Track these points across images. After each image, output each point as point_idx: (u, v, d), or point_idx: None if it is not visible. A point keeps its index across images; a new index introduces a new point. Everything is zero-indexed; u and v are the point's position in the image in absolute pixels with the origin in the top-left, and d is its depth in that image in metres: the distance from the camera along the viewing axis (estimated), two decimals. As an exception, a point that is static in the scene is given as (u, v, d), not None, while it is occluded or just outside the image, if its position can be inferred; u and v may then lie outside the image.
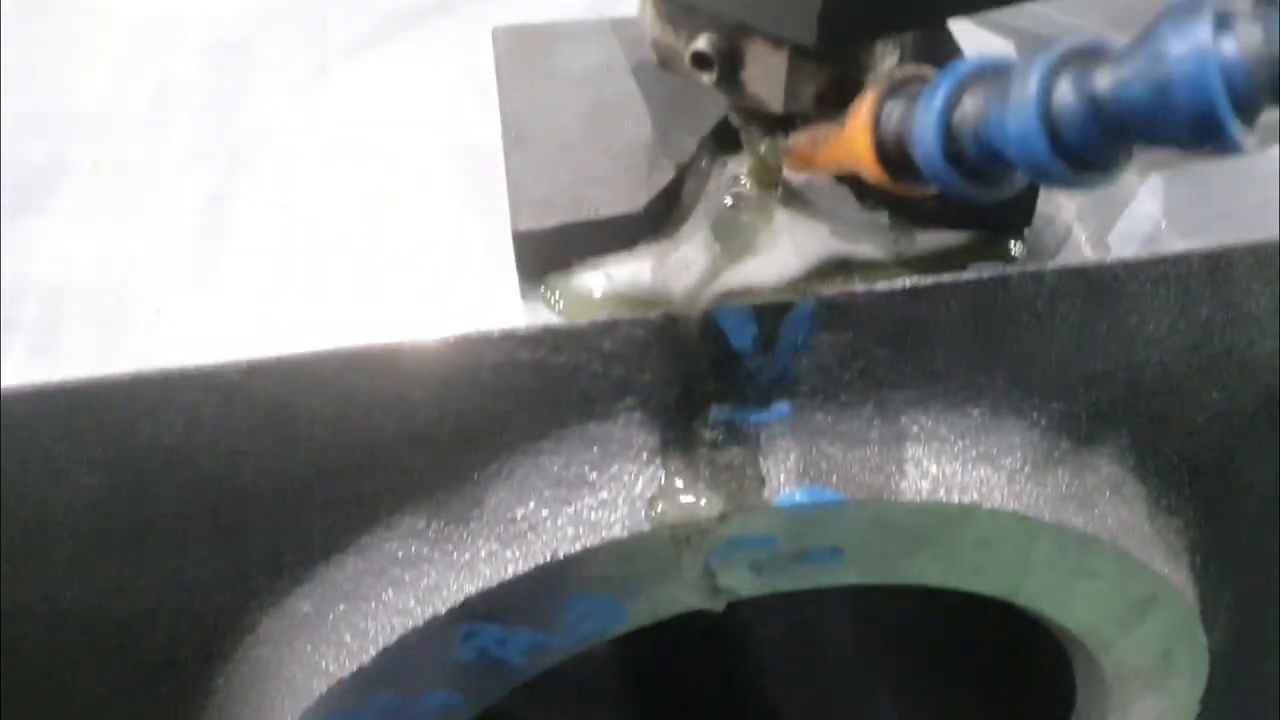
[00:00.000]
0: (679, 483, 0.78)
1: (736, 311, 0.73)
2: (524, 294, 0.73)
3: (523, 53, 0.85)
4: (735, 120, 0.74)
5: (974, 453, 0.83)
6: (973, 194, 0.57)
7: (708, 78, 0.67)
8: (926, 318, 0.77)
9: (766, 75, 0.65)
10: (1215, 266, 0.78)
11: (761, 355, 0.76)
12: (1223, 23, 0.43)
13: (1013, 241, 0.77)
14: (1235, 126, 0.43)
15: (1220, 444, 0.91)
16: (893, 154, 0.61)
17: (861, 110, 0.62)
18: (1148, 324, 0.81)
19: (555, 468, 0.77)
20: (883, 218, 0.77)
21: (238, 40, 0.92)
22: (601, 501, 0.77)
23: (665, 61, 0.71)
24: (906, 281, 0.74)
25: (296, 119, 0.86)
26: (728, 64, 0.66)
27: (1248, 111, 0.43)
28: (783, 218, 0.76)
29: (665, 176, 0.75)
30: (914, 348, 0.78)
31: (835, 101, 0.66)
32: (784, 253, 0.75)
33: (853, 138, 0.63)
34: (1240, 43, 0.42)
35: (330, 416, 0.72)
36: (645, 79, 0.82)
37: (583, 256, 0.74)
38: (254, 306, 0.72)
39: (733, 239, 0.75)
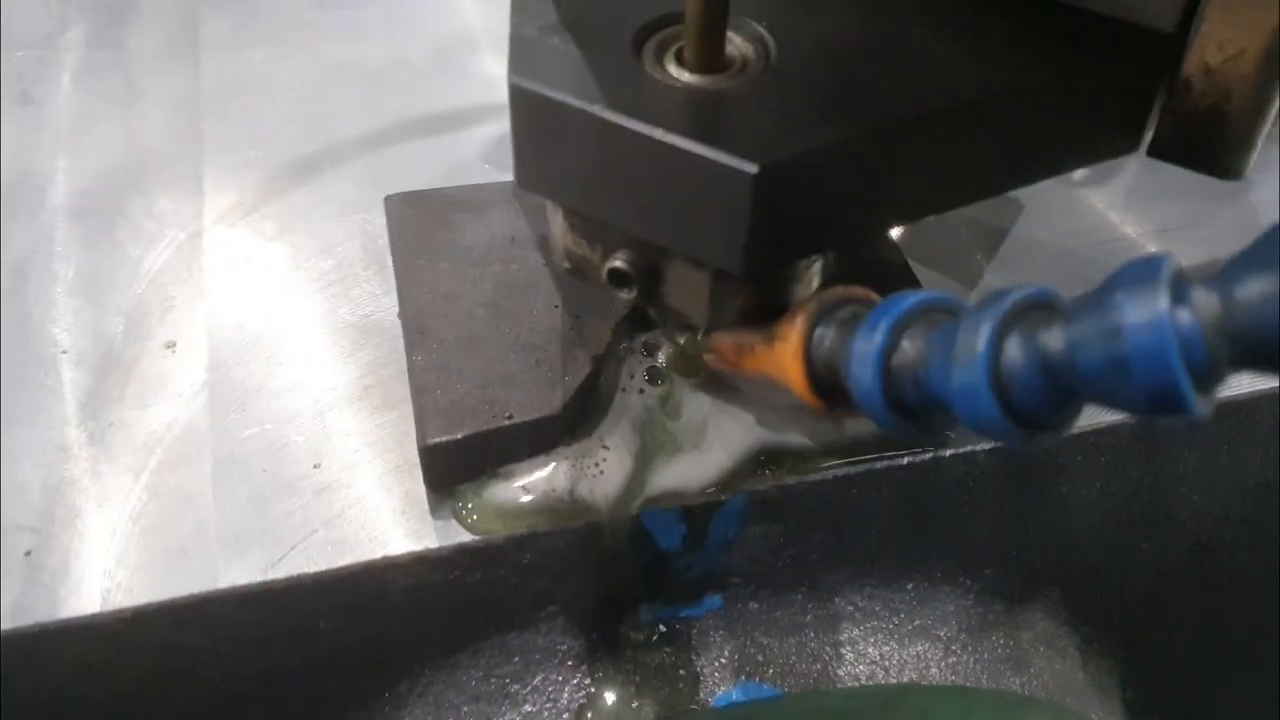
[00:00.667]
0: (608, 690, 0.73)
1: (664, 514, 0.69)
2: (432, 507, 0.68)
3: (418, 225, 0.79)
4: (653, 313, 0.70)
5: (909, 627, 0.80)
6: (913, 436, 0.54)
7: (625, 294, 0.62)
8: (859, 503, 0.73)
9: (689, 293, 0.61)
10: (1143, 435, 0.76)
11: (690, 553, 0.72)
12: (1178, 292, 0.40)
13: (943, 420, 0.74)
14: (1194, 399, 0.40)
15: (1148, 589, 0.89)
16: (825, 380, 0.58)
17: (790, 336, 0.58)
18: (1079, 491, 0.79)
19: (473, 682, 0.72)
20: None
21: (108, 204, 0.85)
22: (526, 715, 0.72)
23: (579, 271, 0.66)
24: (837, 471, 0.71)
25: (178, 286, 0.79)
26: (647, 281, 0.61)
27: (1206, 382, 0.40)
28: (706, 407, 0.72)
29: (581, 371, 0.70)
30: (847, 532, 0.75)
31: (761, 316, 0.62)
32: (711, 448, 0.70)
33: (782, 362, 0.59)
34: (1197, 313, 0.39)
35: (227, 654, 0.66)
36: (548, 251, 0.78)
37: (496, 465, 0.69)
38: (137, 543, 0.65)
39: (655, 434, 0.71)
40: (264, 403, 0.72)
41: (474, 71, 1.00)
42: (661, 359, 0.74)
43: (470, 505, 0.68)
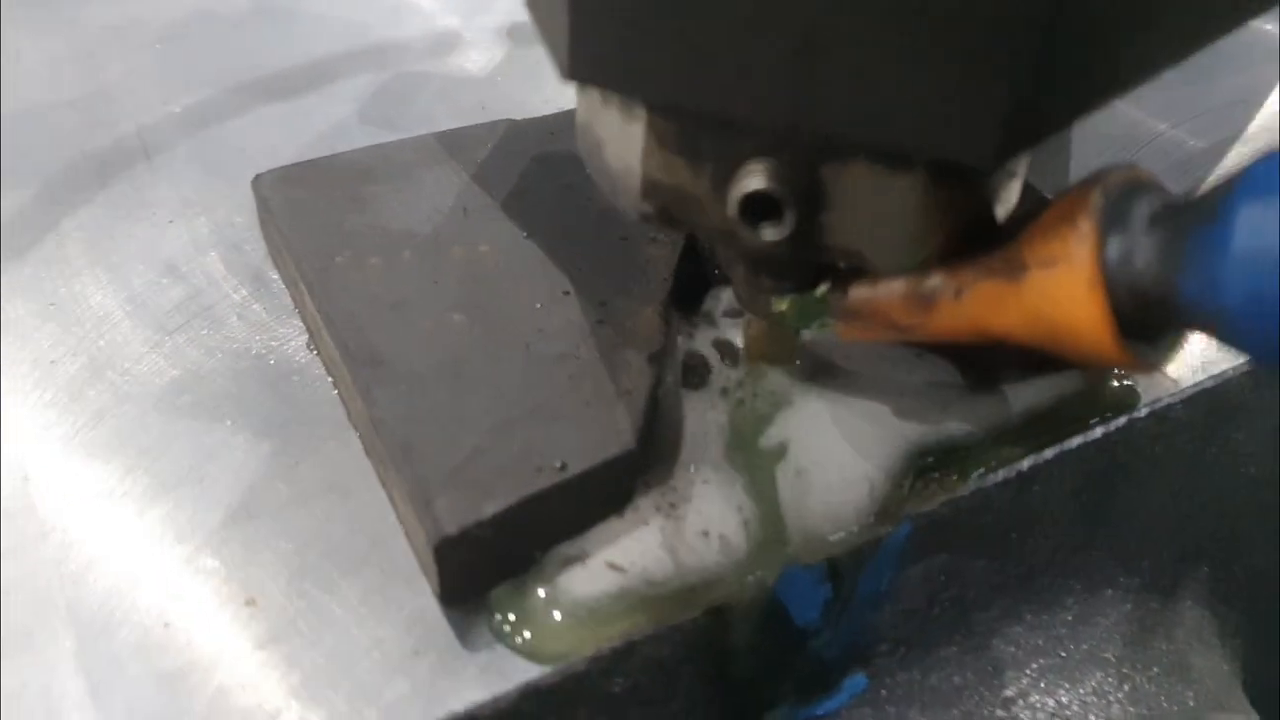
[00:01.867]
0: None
1: (803, 575, 0.45)
2: (462, 633, 0.42)
3: (315, 210, 0.53)
4: (731, 269, 0.46)
5: (1078, 656, 0.60)
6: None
7: (770, 233, 0.38)
8: (1034, 504, 0.52)
9: (878, 218, 0.38)
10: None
11: (833, 626, 0.48)
12: None
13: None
14: None
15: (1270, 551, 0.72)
16: (1133, 316, 0.36)
17: (1075, 255, 0.36)
18: (1251, 441, 0.60)
19: None
20: (948, 373, 0.50)
21: None
22: None
23: (668, 215, 0.41)
24: (1024, 463, 0.49)
25: None
26: (804, 209, 0.37)
27: None
28: (817, 405, 0.48)
29: (641, 379, 0.46)
30: (1013, 547, 0.53)
31: (960, 245, 0.40)
32: (847, 461, 0.47)
33: (1052, 297, 0.36)
34: None
35: None
36: (527, 216, 0.52)
37: (549, 545, 0.43)
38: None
39: (760, 454, 0.47)
40: (112, 561, 0.44)
41: (307, 12, 0.73)
42: (737, 341, 0.50)
43: (518, 617, 0.42)
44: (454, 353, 0.46)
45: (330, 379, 0.50)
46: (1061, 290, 0.36)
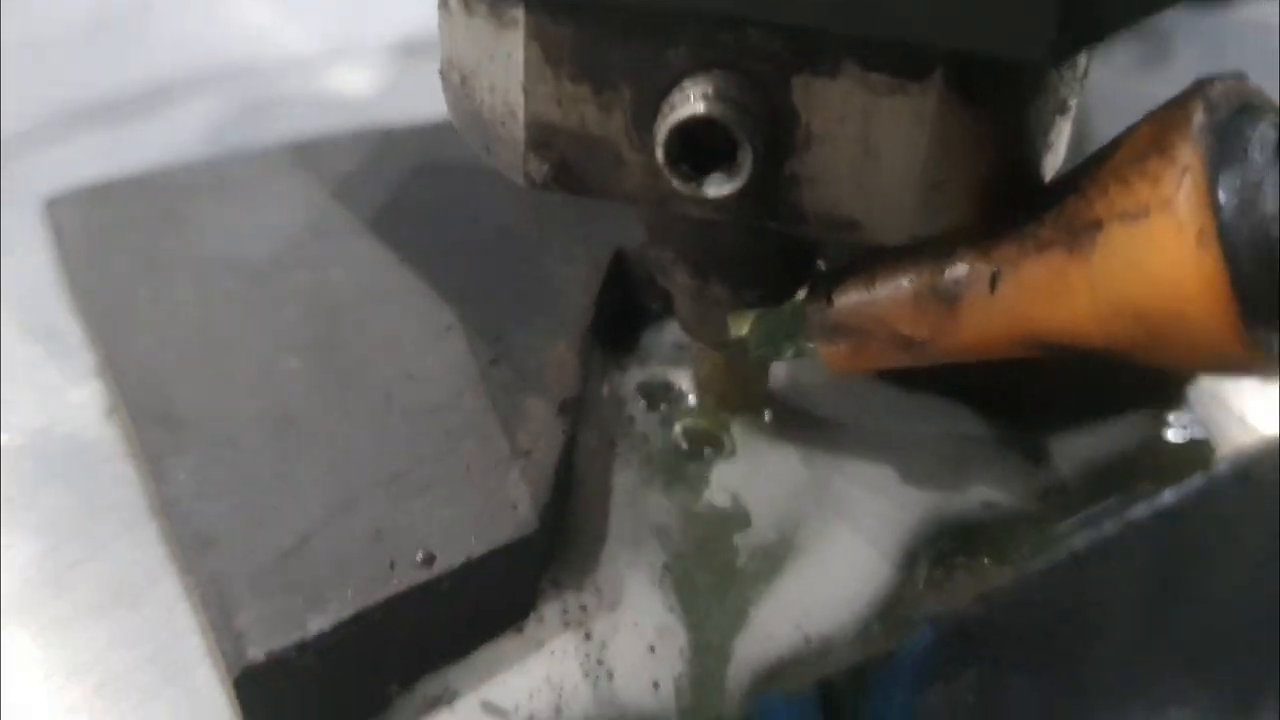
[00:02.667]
0: None
1: (789, 709, 0.32)
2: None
3: (121, 232, 0.40)
4: (670, 278, 0.33)
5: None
6: None
7: (718, 186, 0.25)
8: (1091, 600, 0.38)
9: (875, 159, 0.25)
10: None
11: (828, 777, 0.34)
12: None
13: (1183, 412, 0.41)
14: None
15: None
16: (1263, 278, 0.23)
17: (1180, 191, 0.23)
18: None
19: None
20: (970, 423, 0.38)
21: None
22: None
23: (569, 175, 0.28)
24: (1079, 541, 0.36)
25: None
26: (766, 149, 0.24)
27: None
28: (795, 469, 0.35)
29: (548, 442, 0.32)
30: (1064, 659, 0.40)
31: (994, 208, 0.27)
32: (833, 543, 0.34)
33: (1146, 257, 0.24)
34: None
35: None
36: (399, 236, 0.40)
37: (406, 681, 0.30)
38: None
39: (718, 545, 0.34)
40: None
41: (153, 32, 0.61)
42: (683, 391, 0.37)
43: (367, 790, 0.28)
44: (282, 408, 0.33)
45: (130, 455, 0.36)
46: (1155, 252, 0.24)
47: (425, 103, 0.37)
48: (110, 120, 0.53)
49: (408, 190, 0.42)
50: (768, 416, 0.37)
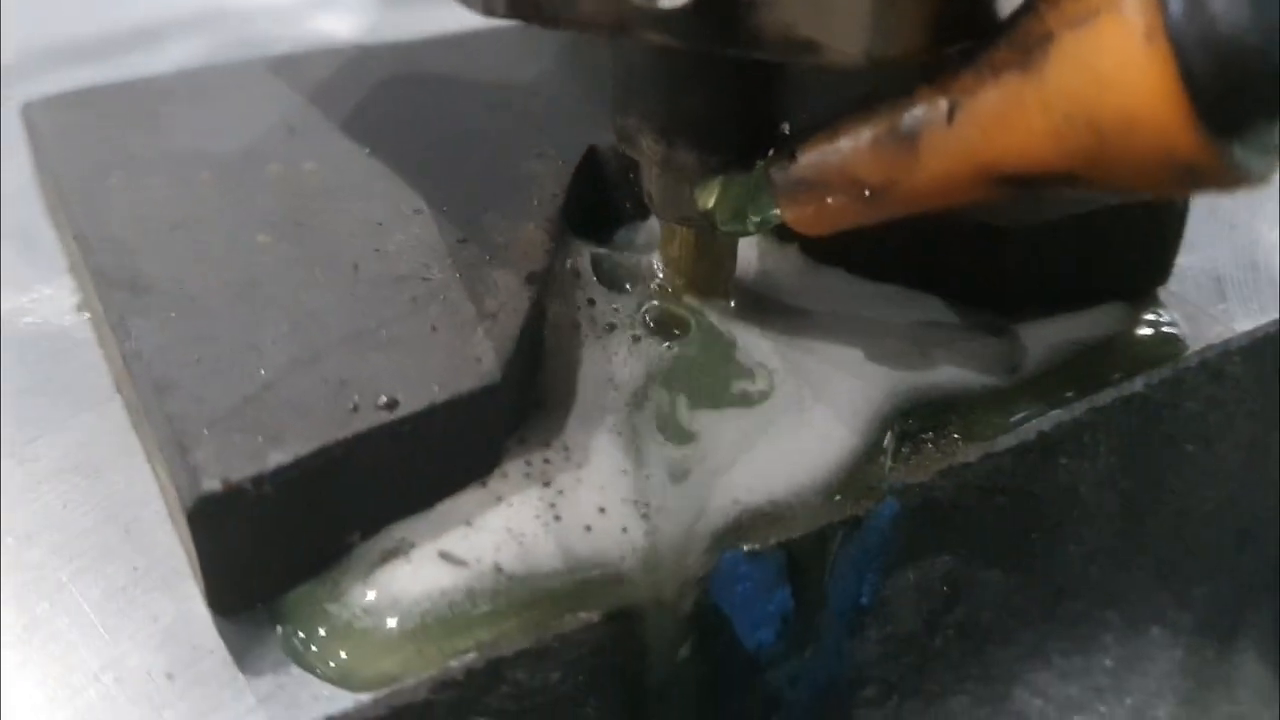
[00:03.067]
0: None
1: (750, 568, 0.31)
2: (235, 646, 0.28)
3: (96, 131, 0.40)
4: (638, 147, 0.33)
5: (1119, 713, 0.45)
6: None
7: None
8: (1064, 489, 0.38)
9: None
10: None
11: (797, 653, 0.34)
12: None
13: (1157, 310, 0.40)
14: None
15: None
16: (1217, 78, 0.23)
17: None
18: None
19: None
20: (941, 312, 0.38)
21: None
22: None
23: (527, 1, 0.28)
24: (1045, 423, 0.36)
25: None
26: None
27: None
28: (761, 346, 0.35)
29: (514, 303, 0.33)
30: (1040, 556, 0.40)
31: (953, 35, 0.27)
32: (798, 412, 0.34)
33: (1096, 60, 0.24)
34: None
35: None
36: (372, 134, 0.40)
37: (369, 529, 0.30)
38: None
39: (685, 413, 0.34)
40: None
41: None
42: (654, 267, 0.37)
43: (324, 628, 0.28)
44: (250, 275, 0.33)
45: (99, 341, 0.36)
46: (1105, 53, 0.24)
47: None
48: (98, 57, 0.53)
49: (383, 97, 0.42)
50: (733, 303, 0.37)
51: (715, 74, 0.31)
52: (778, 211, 0.32)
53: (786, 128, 0.32)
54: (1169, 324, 0.40)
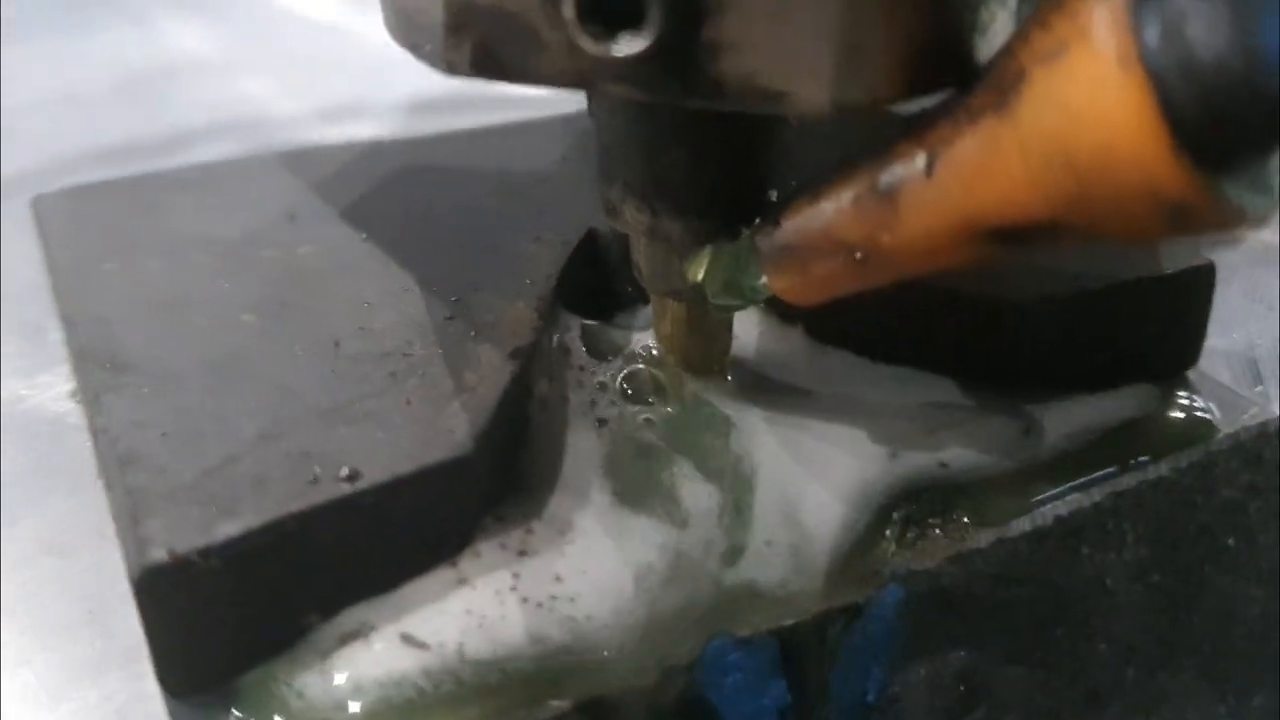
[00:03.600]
0: None
1: (747, 661, 0.30)
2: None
3: (101, 219, 0.41)
4: (623, 218, 0.32)
5: None
6: None
7: (627, 45, 0.24)
8: (1090, 582, 0.36)
9: (783, 19, 0.24)
10: None
11: (796, 750, 0.32)
12: None
13: (1186, 393, 0.38)
14: None
15: None
16: (1199, 108, 0.22)
17: (1096, 15, 0.22)
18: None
19: None
20: (949, 393, 0.36)
21: None
22: None
23: (489, 57, 0.27)
24: (1062, 507, 0.34)
25: None
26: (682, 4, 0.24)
27: None
28: (758, 426, 0.34)
29: (495, 376, 0.32)
30: (1067, 653, 0.37)
31: (927, 83, 0.26)
32: (795, 493, 0.32)
33: (1070, 92, 0.23)
34: None
35: None
36: (371, 219, 0.40)
37: (329, 610, 0.28)
38: None
39: (673, 495, 0.32)
40: None
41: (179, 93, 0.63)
42: (643, 346, 0.36)
43: (279, 717, 0.27)
44: (229, 352, 0.32)
45: (88, 425, 0.36)
46: (1077, 87, 0.23)
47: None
48: (128, 159, 0.54)
49: (388, 187, 0.42)
50: (730, 378, 0.35)
51: (695, 137, 0.30)
52: (766, 280, 0.31)
53: (774, 195, 0.32)
54: (1199, 408, 0.38)
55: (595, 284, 0.39)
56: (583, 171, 0.43)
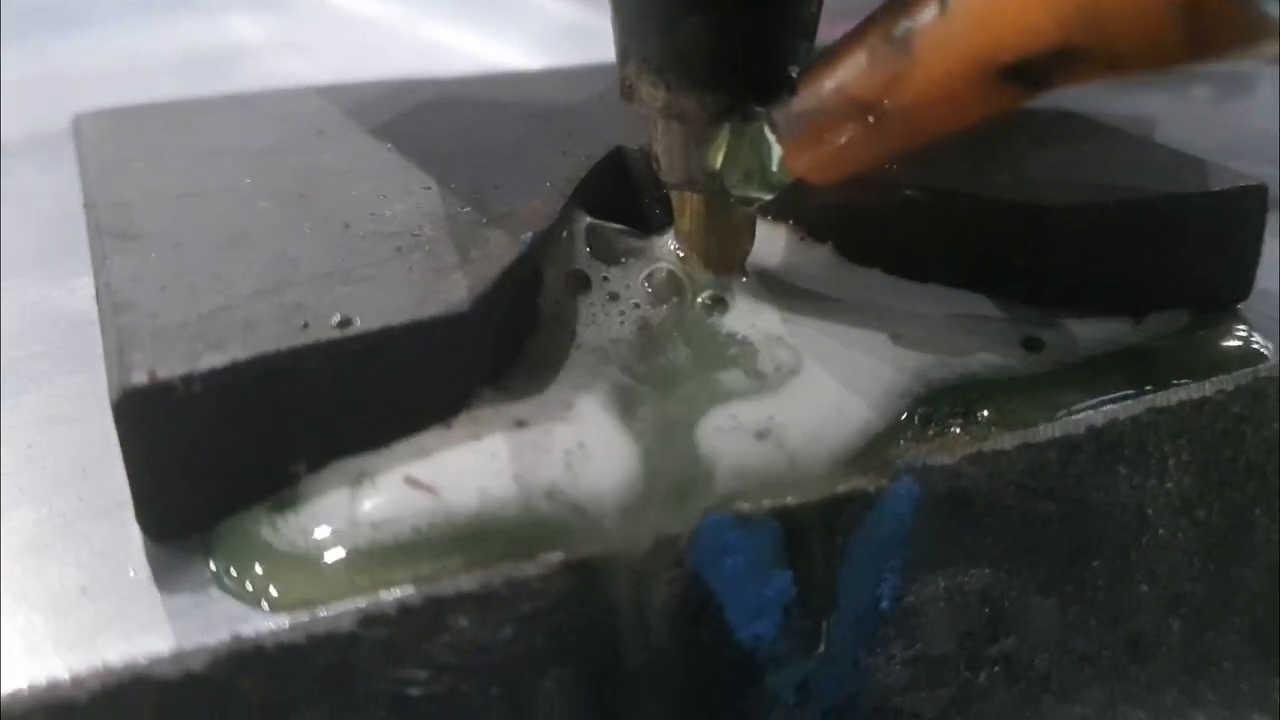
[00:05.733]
0: None
1: (746, 541, 0.28)
2: (159, 567, 0.26)
3: (136, 134, 0.41)
4: (639, 97, 0.32)
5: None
6: None
7: None
8: (1129, 507, 0.34)
9: None
10: None
11: (803, 653, 0.30)
12: None
13: (1236, 322, 0.37)
14: None
15: None
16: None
17: None
18: None
19: None
20: (984, 307, 0.35)
21: None
22: None
23: None
24: (1097, 415, 0.32)
25: None
26: None
27: None
28: (771, 321, 0.33)
29: (500, 255, 0.31)
30: (1103, 587, 0.35)
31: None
32: (809, 387, 0.31)
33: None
34: None
35: None
36: (399, 134, 0.40)
37: (315, 460, 0.27)
38: None
39: (683, 380, 0.31)
40: None
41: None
42: (667, 243, 0.36)
43: (254, 557, 0.26)
44: (240, 230, 0.32)
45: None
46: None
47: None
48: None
49: (419, 112, 0.42)
50: (751, 280, 0.34)
51: (713, 5, 0.30)
52: (784, 159, 0.30)
53: (795, 71, 0.31)
54: (1249, 338, 0.36)
55: (622, 201, 0.38)
56: (618, 107, 0.43)
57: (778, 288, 0.35)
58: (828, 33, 0.31)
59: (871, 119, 0.28)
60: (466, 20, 0.76)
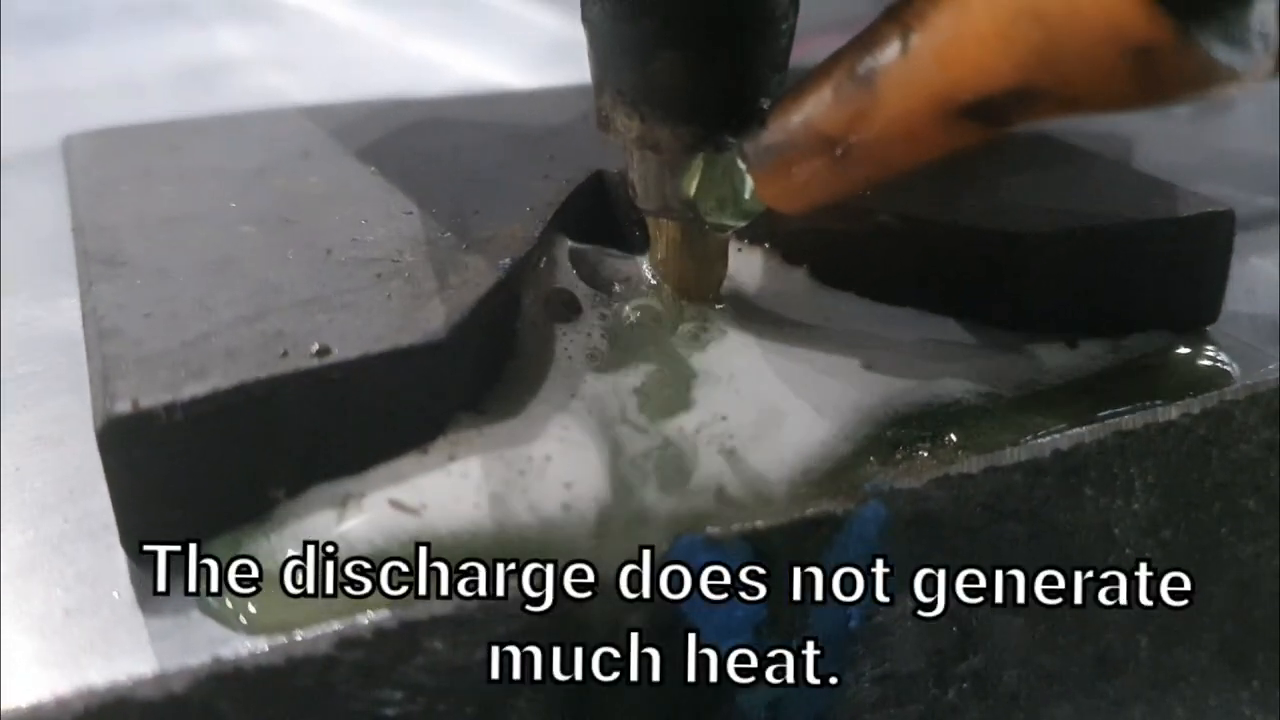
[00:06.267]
0: None
1: (713, 555, 0.29)
2: (143, 590, 0.27)
3: (123, 157, 0.42)
4: (615, 127, 0.33)
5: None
6: None
7: None
8: (1093, 529, 0.35)
9: None
10: None
11: (773, 673, 0.31)
12: None
13: (1203, 345, 0.37)
14: None
15: None
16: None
17: None
18: None
19: None
20: (954, 332, 0.35)
21: None
22: None
23: None
24: (1061, 440, 0.33)
25: None
26: None
27: None
28: (747, 346, 0.34)
29: (477, 283, 0.32)
30: (1075, 616, 0.36)
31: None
32: (777, 410, 0.32)
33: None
34: None
35: None
36: (383, 157, 0.40)
37: (295, 486, 0.28)
38: None
39: (657, 401, 0.32)
40: None
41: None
42: (643, 269, 0.36)
43: (235, 581, 0.27)
44: (225, 256, 0.33)
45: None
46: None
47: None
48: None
49: (404, 133, 0.43)
50: (725, 307, 0.35)
51: (687, 39, 0.30)
52: (755, 188, 0.31)
53: (766, 104, 0.31)
54: (1217, 359, 0.37)
55: (602, 224, 0.39)
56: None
57: (752, 311, 0.35)
58: (800, 51, 0.32)
59: (838, 152, 0.28)
60: (455, 35, 0.76)
